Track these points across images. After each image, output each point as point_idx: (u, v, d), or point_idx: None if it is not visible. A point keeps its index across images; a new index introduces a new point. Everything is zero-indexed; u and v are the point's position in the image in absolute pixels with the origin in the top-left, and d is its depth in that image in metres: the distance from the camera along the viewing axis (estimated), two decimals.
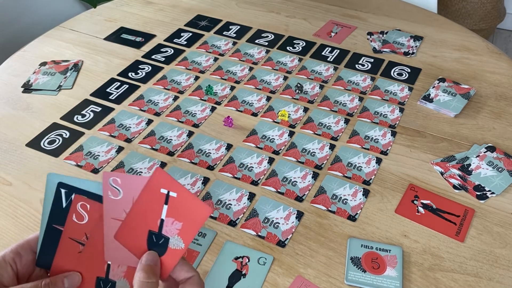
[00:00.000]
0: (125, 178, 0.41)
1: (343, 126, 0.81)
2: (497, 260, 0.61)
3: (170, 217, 0.40)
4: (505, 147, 0.76)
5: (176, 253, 0.39)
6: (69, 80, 0.94)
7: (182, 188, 0.39)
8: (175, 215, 0.39)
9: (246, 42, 1.04)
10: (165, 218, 0.40)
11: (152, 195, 0.40)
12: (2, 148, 0.79)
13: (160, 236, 0.40)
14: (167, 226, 0.39)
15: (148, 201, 0.40)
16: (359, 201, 0.68)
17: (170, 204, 0.39)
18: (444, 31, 1.06)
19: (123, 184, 0.40)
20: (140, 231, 0.40)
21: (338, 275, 0.59)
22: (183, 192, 0.39)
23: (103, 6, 1.21)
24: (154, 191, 0.40)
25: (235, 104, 0.87)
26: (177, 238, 0.39)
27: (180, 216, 0.39)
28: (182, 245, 0.39)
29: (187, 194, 0.39)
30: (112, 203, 0.41)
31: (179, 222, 0.39)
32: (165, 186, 0.39)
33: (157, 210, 0.40)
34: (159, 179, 0.39)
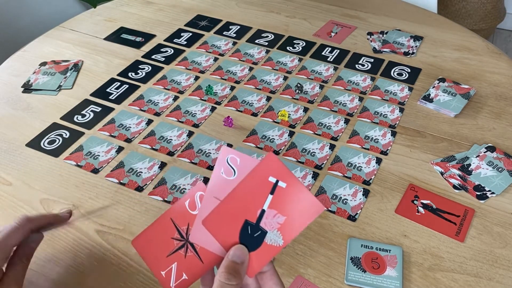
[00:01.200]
0: (245, 159, 0.37)
1: (343, 126, 0.81)
2: (497, 260, 0.61)
3: (273, 209, 0.36)
4: (505, 147, 0.76)
5: (271, 250, 0.36)
6: (69, 80, 0.94)
7: (294, 179, 0.35)
8: (280, 207, 0.35)
9: (246, 42, 1.04)
10: (267, 209, 0.36)
11: (257, 181, 0.36)
12: (2, 148, 0.79)
13: (257, 228, 0.36)
14: (267, 219, 0.36)
15: (251, 187, 0.36)
16: (359, 201, 0.68)
17: (276, 195, 0.36)
18: (444, 31, 1.06)
19: (241, 166, 0.37)
20: (235, 220, 0.36)
21: (338, 275, 0.59)
22: (295, 184, 0.35)
23: (103, 6, 1.21)
24: (261, 178, 0.36)
25: (235, 104, 0.87)
26: (276, 233, 0.36)
27: (285, 209, 0.35)
28: (280, 241, 0.36)
29: (299, 186, 0.35)
30: (222, 181, 0.37)
31: (283, 216, 0.36)
32: (275, 174, 0.35)
33: (259, 199, 0.36)
34: (269, 165, 0.36)
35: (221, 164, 0.37)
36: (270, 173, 0.36)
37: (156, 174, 0.73)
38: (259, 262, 0.36)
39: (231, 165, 0.37)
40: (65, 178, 0.73)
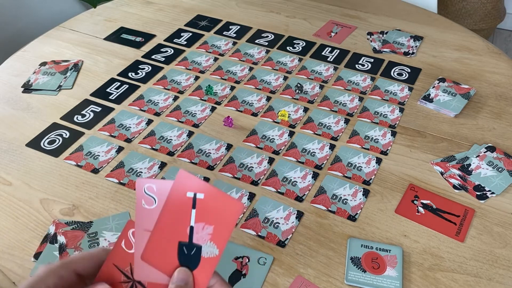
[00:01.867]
0: (160, 185, 0.37)
1: (343, 126, 0.81)
2: (497, 260, 0.61)
3: (200, 222, 0.36)
4: (505, 147, 0.76)
5: (211, 262, 0.36)
6: (69, 80, 0.94)
7: (209, 186, 0.36)
8: (205, 218, 0.36)
9: (246, 42, 1.04)
10: (194, 224, 0.36)
11: (177, 201, 0.36)
12: (2, 148, 0.79)
13: (192, 246, 0.36)
14: (197, 233, 0.36)
15: (174, 209, 0.36)
16: (359, 201, 0.68)
17: (198, 207, 0.36)
18: (444, 31, 1.06)
19: (159, 191, 0.37)
20: (169, 245, 0.36)
21: (338, 275, 0.59)
22: (210, 191, 0.36)
23: (103, 6, 1.21)
24: (179, 197, 0.36)
25: (235, 104, 0.87)
26: (210, 244, 0.36)
27: (211, 218, 0.36)
28: (216, 251, 0.36)
29: (215, 191, 0.35)
30: (145, 213, 0.37)
31: (210, 226, 0.36)
32: (191, 188, 0.36)
33: (185, 217, 0.36)
34: (183, 182, 0.36)
35: (140, 196, 0.37)
36: (186, 189, 0.36)
37: (156, 174, 0.73)
38: (204, 277, 0.36)
39: (150, 194, 0.37)
40: (65, 178, 0.73)
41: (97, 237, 0.63)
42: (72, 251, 0.61)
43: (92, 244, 0.62)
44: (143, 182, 0.37)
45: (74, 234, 0.64)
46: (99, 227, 0.65)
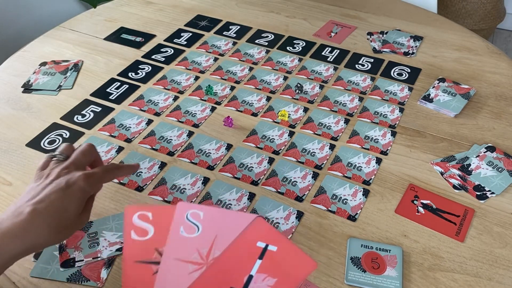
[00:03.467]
0: (210, 212, 0.34)
1: (343, 126, 0.81)
2: (497, 260, 0.61)
3: (262, 273, 0.34)
4: (505, 147, 0.76)
5: None
6: (69, 80, 0.94)
7: (286, 240, 0.34)
8: (270, 270, 0.34)
9: (246, 42, 1.04)
10: (255, 274, 0.34)
11: (244, 247, 0.33)
12: (2, 148, 0.79)
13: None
14: (256, 283, 0.34)
15: (237, 254, 0.34)
16: (359, 201, 0.68)
17: (265, 259, 0.34)
18: (444, 31, 1.06)
19: (206, 219, 0.34)
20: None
21: (338, 275, 0.59)
22: (286, 246, 0.34)
23: (103, 6, 1.21)
24: (248, 244, 0.33)
25: (235, 104, 0.87)
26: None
27: (276, 271, 0.33)
28: None
29: (290, 247, 0.34)
30: (182, 241, 0.33)
31: (273, 278, 0.34)
32: (264, 239, 0.33)
33: (246, 265, 0.33)
34: (258, 230, 0.33)
35: (180, 222, 0.34)
36: (258, 238, 0.33)
37: (156, 174, 0.73)
38: None
39: (193, 222, 0.34)
40: None
41: (97, 237, 0.63)
42: (72, 251, 0.62)
43: (92, 244, 0.62)
44: (187, 207, 0.34)
45: (74, 234, 0.64)
46: (99, 227, 0.65)
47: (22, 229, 0.47)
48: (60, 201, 0.50)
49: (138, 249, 0.34)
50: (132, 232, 0.34)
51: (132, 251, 0.34)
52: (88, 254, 0.61)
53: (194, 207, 0.34)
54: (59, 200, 0.50)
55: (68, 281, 0.59)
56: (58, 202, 0.50)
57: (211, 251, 0.34)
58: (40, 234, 0.48)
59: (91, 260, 0.61)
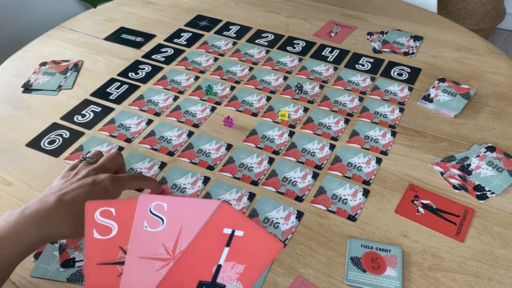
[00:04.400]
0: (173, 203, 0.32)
1: (343, 126, 0.81)
2: (497, 260, 0.61)
3: (230, 261, 0.33)
4: (505, 147, 0.76)
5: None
6: (69, 80, 0.94)
7: (251, 223, 0.33)
8: (238, 257, 0.33)
9: (246, 42, 1.04)
10: (223, 263, 0.33)
11: (211, 237, 0.32)
12: (2, 148, 0.79)
13: (214, 286, 0.33)
14: (224, 272, 0.33)
15: (204, 246, 0.32)
16: (359, 201, 0.68)
17: (233, 246, 0.33)
18: (444, 31, 1.06)
19: (170, 211, 0.32)
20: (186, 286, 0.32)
21: (338, 275, 0.59)
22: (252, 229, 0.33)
23: (103, 6, 1.21)
24: (214, 232, 0.32)
25: (235, 104, 0.87)
26: (235, 284, 0.33)
27: (244, 257, 0.33)
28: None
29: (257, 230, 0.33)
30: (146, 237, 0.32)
31: (242, 265, 0.33)
32: (230, 224, 0.32)
33: (214, 255, 0.33)
34: (223, 217, 0.32)
35: (142, 216, 0.32)
36: (224, 225, 0.32)
37: (156, 174, 0.73)
38: None
39: (157, 214, 0.32)
40: None
41: None
42: (72, 251, 0.61)
43: None
44: (149, 199, 0.32)
45: None
46: None
47: (46, 215, 0.49)
48: (85, 195, 0.52)
49: (101, 250, 0.32)
50: (94, 231, 0.32)
51: (95, 252, 0.32)
52: None
53: (157, 199, 0.32)
54: (84, 195, 0.52)
55: (68, 281, 0.59)
56: (83, 196, 0.52)
57: (177, 244, 0.33)
58: (62, 223, 0.50)
59: None
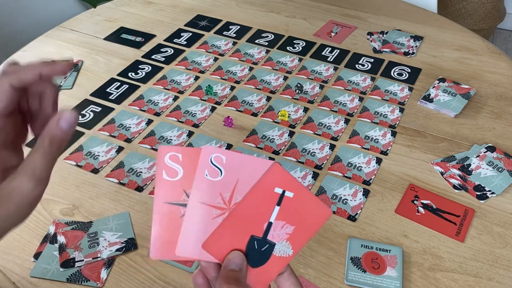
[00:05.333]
0: (231, 157, 0.35)
1: (343, 126, 0.81)
2: (497, 260, 0.61)
3: (280, 220, 0.34)
4: (505, 147, 0.76)
5: (282, 261, 0.35)
6: (69, 80, 0.94)
7: (301, 187, 0.34)
8: (288, 217, 0.34)
9: (246, 42, 1.04)
10: (274, 221, 0.34)
11: (262, 194, 0.34)
12: None
13: (265, 242, 0.34)
14: (275, 231, 0.34)
15: (256, 201, 0.34)
16: (359, 201, 0.68)
17: (283, 205, 0.34)
18: (444, 31, 1.06)
19: (228, 164, 0.34)
20: (239, 237, 0.35)
21: (338, 275, 0.59)
22: (302, 192, 0.34)
23: (103, 6, 1.21)
24: (266, 190, 0.34)
25: (235, 104, 0.87)
26: (285, 243, 0.35)
27: (294, 218, 0.34)
28: (290, 251, 0.35)
29: (307, 193, 0.34)
30: (206, 184, 0.34)
31: (291, 226, 0.35)
32: (281, 185, 0.34)
33: (265, 212, 0.34)
34: (275, 177, 0.34)
35: (204, 167, 0.35)
36: (275, 184, 0.34)
37: None
38: (270, 274, 0.35)
39: (217, 165, 0.35)
40: (65, 178, 0.73)
41: (97, 237, 0.63)
42: (72, 251, 0.61)
43: (92, 244, 0.62)
44: (211, 150, 0.35)
45: (74, 234, 0.64)
46: (99, 227, 0.65)
47: None
48: None
49: (168, 190, 0.35)
50: (164, 172, 0.35)
51: (163, 191, 0.35)
52: (88, 254, 0.61)
53: (218, 151, 0.35)
54: None
55: (68, 281, 0.59)
56: None
57: (233, 196, 0.35)
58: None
59: (91, 260, 0.61)
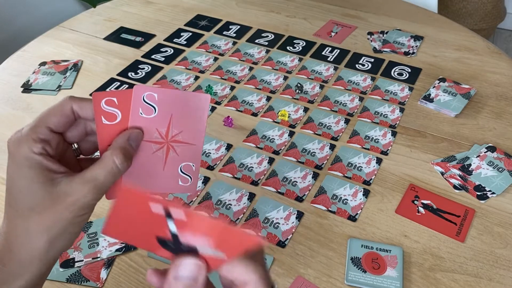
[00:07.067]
0: (163, 93, 0.36)
1: (343, 126, 0.81)
2: (497, 261, 0.60)
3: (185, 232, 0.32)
4: (505, 147, 0.76)
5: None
6: (68, 80, 0.94)
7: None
8: (176, 124, 0.37)
9: (246, 42, 1.04)
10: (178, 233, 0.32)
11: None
12: (2, 148, 0.78)
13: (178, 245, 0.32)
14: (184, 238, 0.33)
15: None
16: (359, 201, 0.68)
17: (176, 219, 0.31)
18: (444, 31, 1.06)
19: (161, 100, 0.36)
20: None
21: (338, 276, 0.59)
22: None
23: (103, 6, 1.21)
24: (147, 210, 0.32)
25: (235, 104, 0.86)
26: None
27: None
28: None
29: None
30: (142, 122, 0.36)
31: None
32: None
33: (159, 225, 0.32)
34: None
35: (137, 105, 0.36)
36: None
37: None
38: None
39: (149, 103, 0.36)
40: None
41: (97, 237, 0.63)
42: (72, 251, 0.61)
43: (92, 245, 0.62)
44: (143, 89, 0.36)
45: None
46: (99, 227, 0.65)
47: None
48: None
49: (109, 134, 0.36)
50: (102, 118, 0.36)
51: (105, 136, 0.37)
52: (87, 254, 0.61)
53: (149, 90, 0.36)
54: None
55: (67, 281, 0.59)
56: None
57: (169, 130, 0.38)
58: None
59: (91, 261, 0.61)
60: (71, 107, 0.38)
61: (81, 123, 0.39)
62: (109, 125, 0.36)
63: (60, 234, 0.36)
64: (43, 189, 0.35)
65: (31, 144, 0.36)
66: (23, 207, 0.35)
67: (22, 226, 0.35)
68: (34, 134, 0.37)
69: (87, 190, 0.36)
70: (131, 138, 0.37)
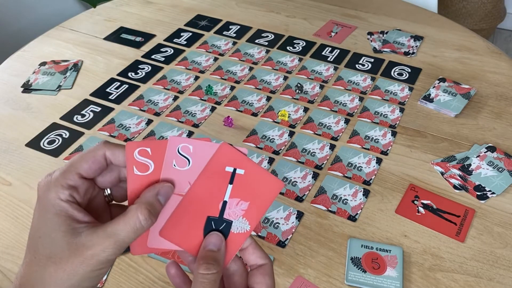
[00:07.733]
0: (198, 146, 0.35)
1: (343, 126, 0.81)
2: (497, 261, 0.60)
3: (234, 198, 0.35)
4: (505, 147, 0.76)
5: (240, 237, 0.36)
6: (68, 80, 0.94)
7: (251, 162, 0.35)
8: (241, 194, 0.35)
9: (246, 42, 1.04)
10: (228, 200, 0.35)
11: (214, 175, 0.35)
12: (2, 148, 0.79)
13: (221, 221, 0.35)
14: (230, 209, 0.35)
15: (208, 183, 0.35)
16: (359, 201, 0.68)
17: (236, 183, 0.35)
18: (444, 31, 1.06)
19: (195, 153, 0.35)
20: (195, 221, 0.35)
21: (338, 276, 0.59)
22: (253, 167, 0.35)
23: (103, 6, 1.21)
24: (217, 170, 0.35)
25: (235, 104, 0.86)
26: (241, 220, 0.35)
27: (247, 194, 0.35)
28: (247, 227, 0.36)
29: (257, 169, 0.35)
30: (175, 174, 0.35)
31: (245, 202, 0.36)
32: (231, 163, 0.35)
33: (219, 192, 0.35)
34: (224, 156, 0.35)
35: (171, 157, 0.35)
36: (226, 163, 0.35)
37: None
38: (231, 251, 0.36)
39: (184, 155, 0.35)
40: None
41: None
42: None
43: None
44: (177, 140, 0.35)
45: None
46: None
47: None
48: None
49: (140, 185, 0.35)
50: (134, 168, 0.35)
51: (135, 186, 0.35)
52: None
53: (184, 141, 0.35)
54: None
55: None
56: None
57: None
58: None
59: None
60: (104, 154, 0.37)
61: (114, 169, 0.38)
62: (141, 176, 0.35)
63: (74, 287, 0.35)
64: (63, 239, 0.34)
65: (59, 190, 0.35)
66: (41, 254, 0.35)
67: (38, 274, 0.35)
68: (63, 180, 0.35)
69: (107, 244, 0.34)
70: (161, 193, 0.36)
